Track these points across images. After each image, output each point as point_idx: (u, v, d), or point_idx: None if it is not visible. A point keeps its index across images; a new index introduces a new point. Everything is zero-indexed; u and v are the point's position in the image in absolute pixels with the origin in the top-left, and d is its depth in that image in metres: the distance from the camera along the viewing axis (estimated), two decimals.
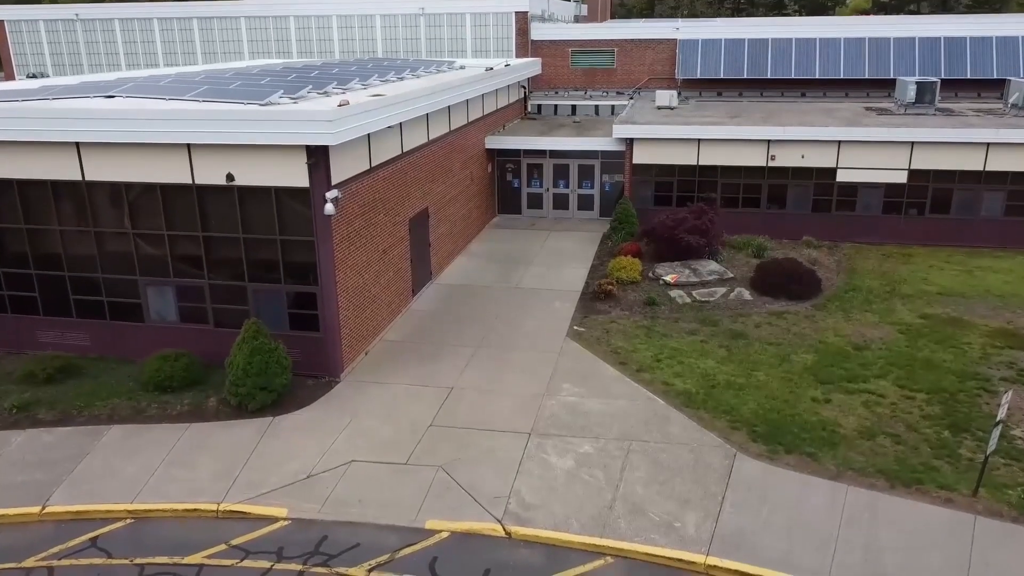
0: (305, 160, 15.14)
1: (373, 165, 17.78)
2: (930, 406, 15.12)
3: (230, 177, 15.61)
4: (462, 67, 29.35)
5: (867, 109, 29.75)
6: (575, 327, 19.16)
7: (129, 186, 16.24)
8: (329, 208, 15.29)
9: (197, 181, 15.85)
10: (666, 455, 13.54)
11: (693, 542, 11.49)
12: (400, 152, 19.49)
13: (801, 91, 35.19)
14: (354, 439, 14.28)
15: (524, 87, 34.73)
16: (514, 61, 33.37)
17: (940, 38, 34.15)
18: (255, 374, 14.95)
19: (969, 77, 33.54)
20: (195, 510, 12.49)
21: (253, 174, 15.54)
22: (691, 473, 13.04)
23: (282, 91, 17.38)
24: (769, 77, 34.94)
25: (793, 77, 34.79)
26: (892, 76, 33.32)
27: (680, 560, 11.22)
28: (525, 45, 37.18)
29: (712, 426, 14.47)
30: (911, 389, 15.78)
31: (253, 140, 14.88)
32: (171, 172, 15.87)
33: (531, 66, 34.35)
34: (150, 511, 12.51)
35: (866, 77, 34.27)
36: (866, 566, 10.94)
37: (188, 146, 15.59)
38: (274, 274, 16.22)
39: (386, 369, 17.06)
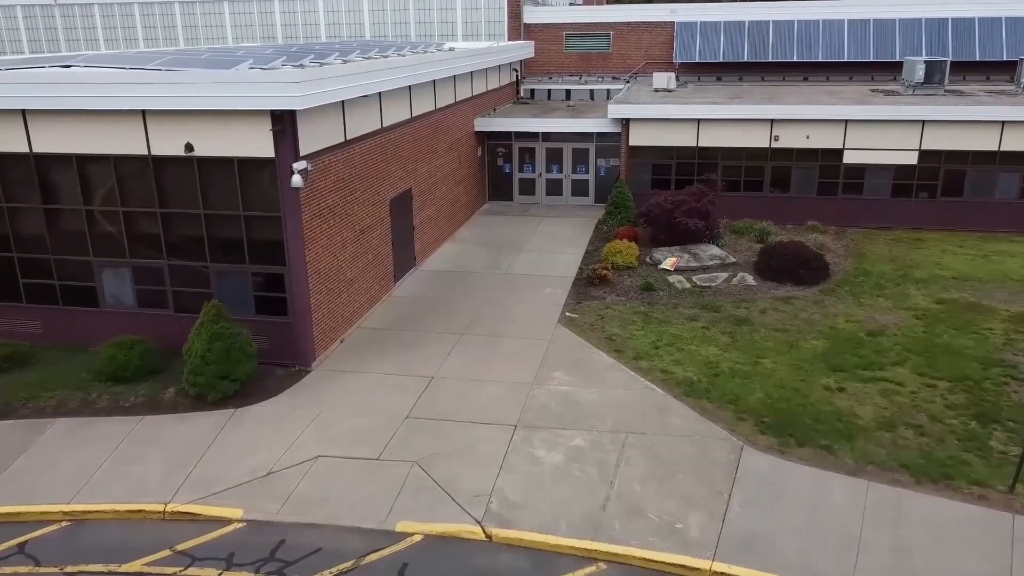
0: (270, 127, 13.82)
1: (349, 138, 16.46)
2: (953, 395, 13.84)
3: (189, 147, 14.29)
4: (451, 50, 28.02)
5: (873, 91, 28.45)
6: (567, 313, 17.86)
7: (80, 158, 14.92)
8: (296, 180, 13.98)
9: (153, 152, 14.53)
10: (666, 449, 12.24)
11: (697, 546, 10.18)
12: (380, 127, 18.17)
13: (803, 75, 33.92)
14: (323, 432, 12.97)
15: (516, 70, 33.44)
16: (505, 44, 32.08)
17: (948, 19, 32.87)
18: (215, 362, 13.63)
19: (978, 59, 32.24)
20: (140, 511, 11.17)
21: (214, 144, 14.22)
22: (694, 468, 11.74)
23: (252, 60, 16.08)
24: (770, 60, 33.62)
25: (795, 60, 33.48)
26: (898, 59, 32.00)
27: (683, 566, 9.91)
28: (517, 29, 35.84)
29: (716, 417, 13.17)
30: (932, 377, 14.49)
31: (211, 105, 13.56)
32: (125, 142, 14.54)
33: (523, 49, 33.07)
34: (89, 512, 11.18)
35: (871, 60, 32.97)
36: (894, 570, 9.65)
37: (143, 113, 14.27)
38: (238, 254, 14.90)
39: (363, 357, 15.75)
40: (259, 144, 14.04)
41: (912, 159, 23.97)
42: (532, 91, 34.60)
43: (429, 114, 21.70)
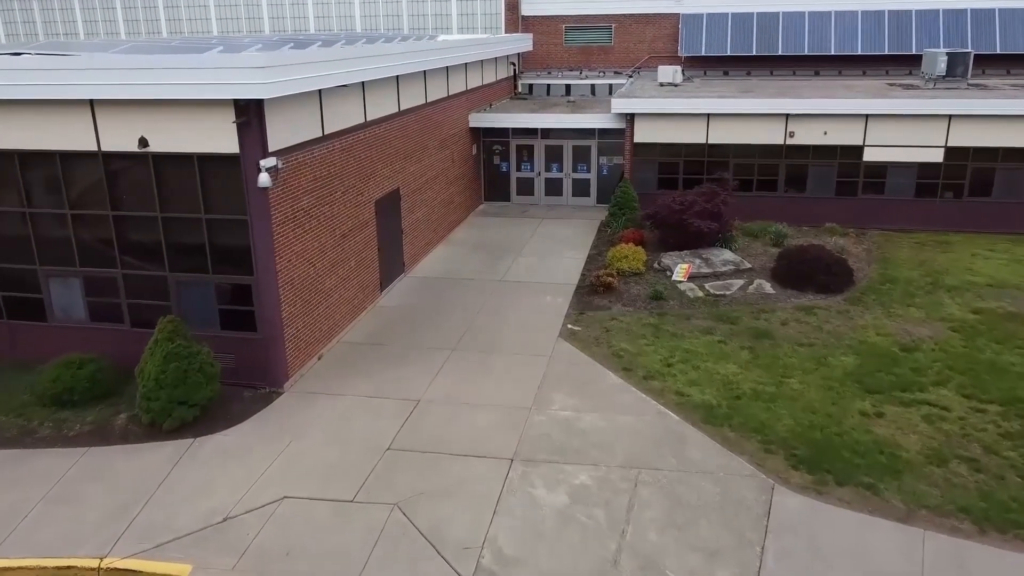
0: (232, 119, 12.20)
1: (327, 133, 14.84)
2: (1007, 421, 12.24)
3: (143, 142, 12.66)
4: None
5: (890, 85, 26.87)
6: (569, 325, 16.24)
7: (23, 155, 13.29)
8: (264, 179, 12.36)
9: (104, 148, 12.90)
10: (685, 488, 10.63)
11: None
12: (363, 121, 16.55)
13: (814, 69, 32.32)
14: (291, 467, 11.34)
15: (514, 64, 31.83)
16: (502, 35, 30.48)
17: (967, 9, 31.25)
18: (171, 385, 12.00)
19: (999, 52, 30.66)
20: (69, 568, 9.54)
21: (171, 138, 12.60)
22: (718, 513, 10.13)
23: (222, 48, 14.49)
24: (780, 54, 32.00)
25: (806, 54, 31.88)
26: (914, 51, 30.47)
27: None
28: (515, 21, 34.21)
29: (740, 448, 11.56)
30: (980, 400, 12.89)
31: (165, 93, 11.91)
32: (72, 137, 12.92)
33: (521, 41, 31.45)
34: (10, 570, 9.55)
35: (886, 53, 31.36)
36: None
37: (91, 104, 12.64)
38: (200, 262, 13.28)
39: (341, 377, 14.13)
40: (222, 138, 12.42)
41: (937, 156, 22.37)
42: (530, 86, 33.00)
43: (419, 108, 20.09)
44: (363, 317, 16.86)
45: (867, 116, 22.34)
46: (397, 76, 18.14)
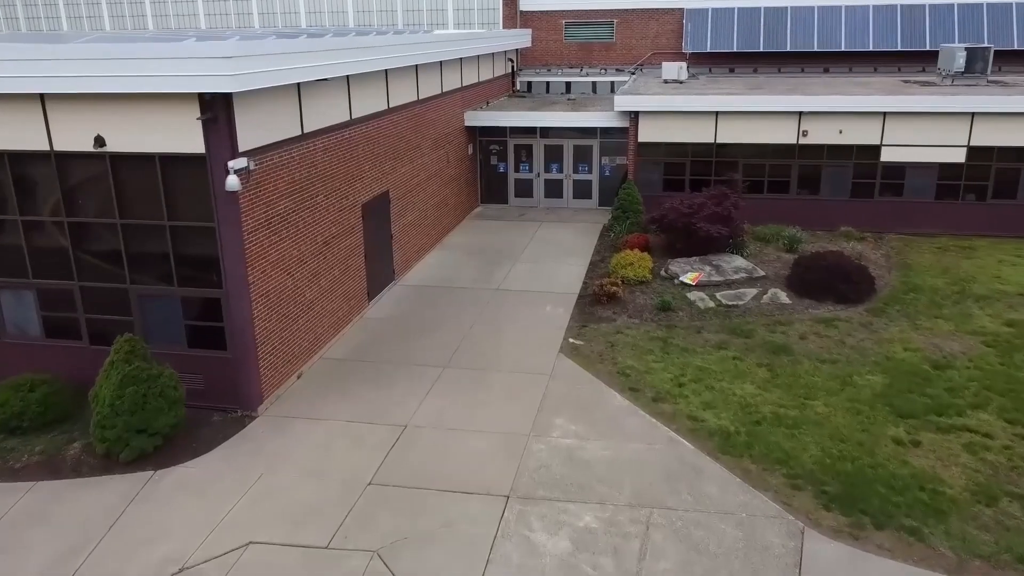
0: (197, 115, 10.97)
1: (307, 131, 13.61)
2: None
3: (100, 141, 11.43)
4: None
5: (905, 82, 25.63)
6: (571, 339, 15.03)
7: None
8: (232, 182, 11.13)
9: (56, 147, 11.66)
10: (703, 532, 9.40)
11: None
12: (348, 118, 15.32)
13: (824, 66, 31.10)
14: (260, 505, 10.12)
15: (512, 61, 30.60)
16: (499, 31, 29.28)
17: (983, 3, 30.03)
18: (128, 412, 10.78)
19: (1016, 47, 29.45)
20: None
21: (131, 137, 11.37)
22: (742, 562, 8.90)
23: (195, 39, 13.25)
24: (789, 50, 30.79)
25: (815, 50, 30.66)
26: (928, 48, 29.27)
27: None
28: (513, 16, 32.99)
29: (763, 483, 10.34)
30: None
31: (123, 86, 10.68)
32: (21, 135, 11.69)
33: (519, 37, 30.23)
34: None
35: (898, 49, 30.14)
36: None
37: (41, 98, 11.41)
38: (165, 274, 12.05)
39: (322, 398, 12.90)
40: (186, 137, 11.19)
41: (959, 156, 21.16)
42: (529, 84, 31.78)
43: (411, 105, 18.86)
44: (348, 330, 15.64)
45: (885, 114, 21.12)
46: (386, 71, 16.93)
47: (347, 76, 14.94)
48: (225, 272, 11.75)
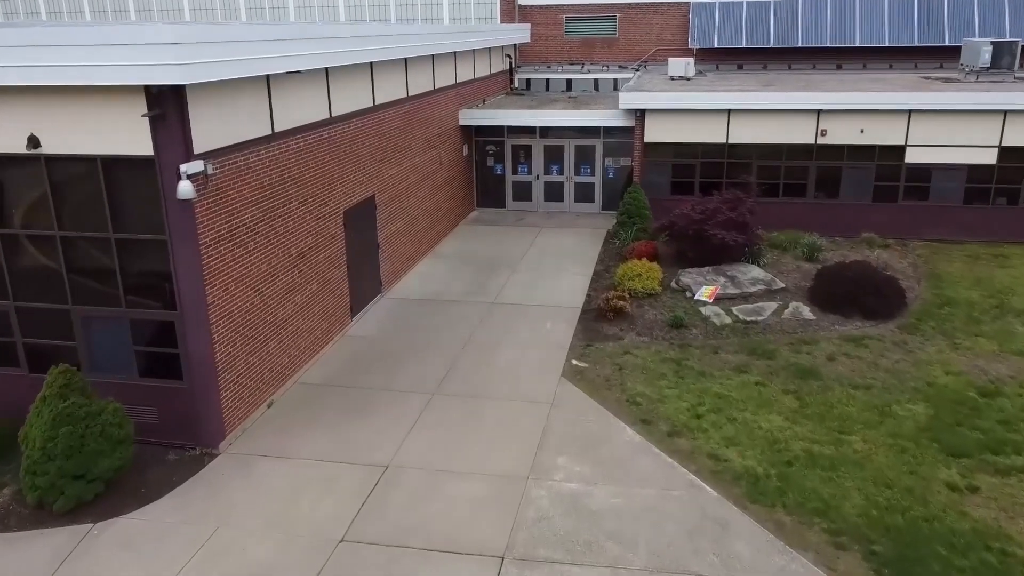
0: (144, 111, 9.49)
1: (279, 130, 12.13)
2: None
3: (33, 141, 9.93)
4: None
5: (925, 79, 24.17)
6: (574, 361, 13.55)
7: None
8: (185, 188, 9.65)
9: None
10: None
11: None
12: (328, 116, 13.85)
13: (836, 62, 29.66)
14: (212, 567, 8.62)
15: (510, 57, 29.12)
16: (497, 24, 27.80)
17: None
18: (62, 455, 9.29)
19: None
20: None
21: (69, 136, 9.88)
22: None
23: (138, 23, 11.73)
24: (800, 46, 29.34)
25: (828, 45, 29.19)
26: (947, 43, 27.85)
27: None
28: (511, 11, 31.51)
29: (801, 540, 8.85)
30: None
31: (56, 78, 9.18)
32: None
33: (517, 32, 28.76)
34: None
35: (916, 44, 28.67)
36: None
37: None
38: (111, 293, 10.56)
39: (294, 431, 11.41)
40: (132, 137, 9.71)
41: (990, 157, 19.70)
42: (528, 81, 30.30)
43: (400, 102, 17.38)
44: (328, 350, 14.16)
45: (910, 112, 19.66)
46: (371, 64, 15.45)
47: (326, 69, 13.48)
48: (179, 291, 10.26)
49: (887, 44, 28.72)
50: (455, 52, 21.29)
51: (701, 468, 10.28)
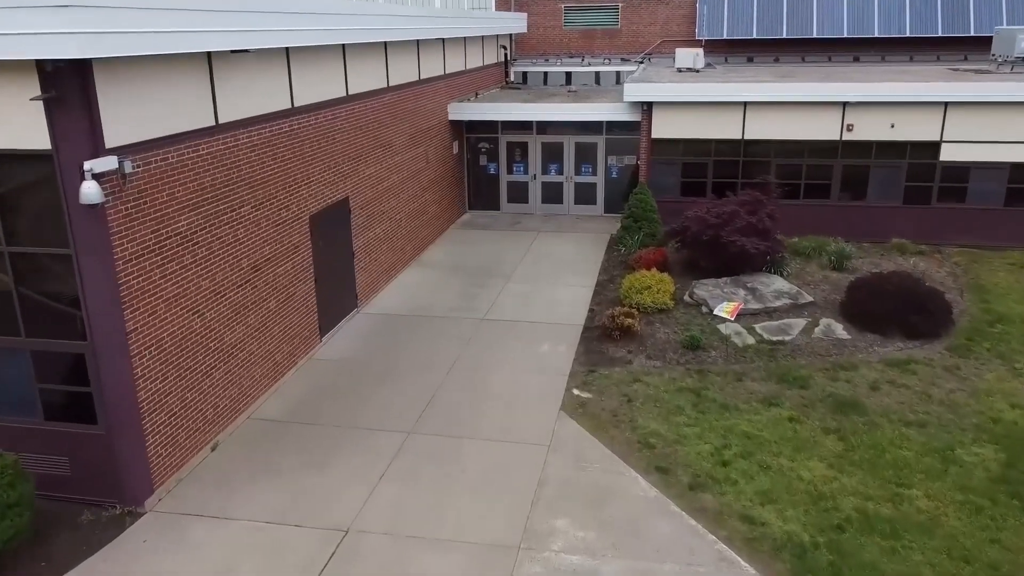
0: (35, 93, 7.56)
1: (224, 121, 10.21)
2: None
3: None
4: None
5: (953, 70, 22.26)
6: (575, 391, 11.63)
7: None
8: (90, 191, 7.71)
9: None
10: None
11: None
12: (290, 106, 11.93)
13: (853, 54, 27.74)
14: None
15: (505, 48, 27.19)
16: (492, 12, 25.88)
17: None
18: None
19: None
20: None
21: None
22: None
23: None
24: (814, 36, 27.43)
25: (845, 36, 27.27)
26: (972, 33, 25.95)
27: None
28: (507, 1, 29.65)
29: None
30: None
31: None
32: None
33: (513, 21, 26.86)
34: None
35: (939, 35, 26.74)
36: None
37: None
38: (7, 320, 8.62)
39: (239, 482, 9.49)
40: (25, 127, 7.78)
41: None
42: (524, 74, 28.40)
43: (379, 93, 15.46)
44: (291, 377, 12.23)
45: (946, 104, 17.76)
46: (343, 46, 13.54)
47: (286, 49, 11.57)
48: (89, 317, 8.32)
49: (908, 35, 26.80)
50: (444, 39, 19.40)
51: (732, 534, 8.36)
